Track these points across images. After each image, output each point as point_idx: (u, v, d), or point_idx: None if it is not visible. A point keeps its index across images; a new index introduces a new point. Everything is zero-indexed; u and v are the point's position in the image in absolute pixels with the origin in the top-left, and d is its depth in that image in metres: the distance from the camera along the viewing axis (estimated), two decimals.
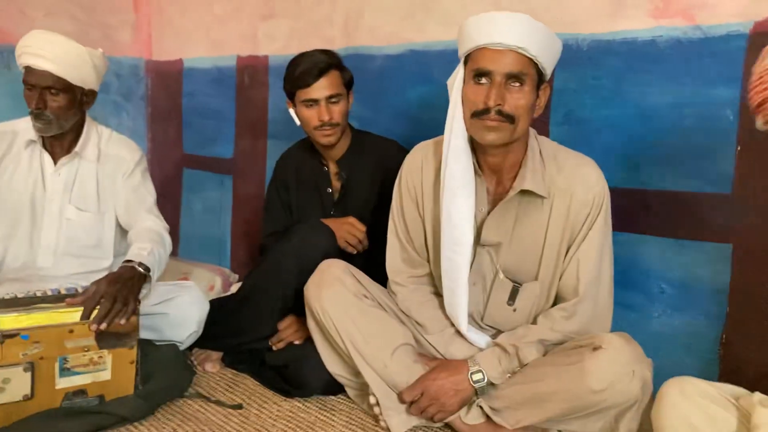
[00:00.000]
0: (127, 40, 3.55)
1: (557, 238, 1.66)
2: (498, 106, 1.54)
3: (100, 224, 2.12)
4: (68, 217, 2.07)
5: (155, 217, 2.13)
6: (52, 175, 2.07)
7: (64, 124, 2.01)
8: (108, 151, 2.14)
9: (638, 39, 1.87)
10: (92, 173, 2.11)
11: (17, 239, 2.05)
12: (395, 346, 1.73)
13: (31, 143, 2.05)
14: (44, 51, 1.92)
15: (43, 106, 1.94)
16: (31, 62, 1.93)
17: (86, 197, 2.10)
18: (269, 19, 2.94)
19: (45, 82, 1.93)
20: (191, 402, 1.88)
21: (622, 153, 1.92)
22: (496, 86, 1.54)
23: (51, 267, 2.07)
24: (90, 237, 2.10)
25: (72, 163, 2.08)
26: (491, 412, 1.64)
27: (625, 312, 1.90)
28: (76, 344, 1.64)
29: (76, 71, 1.97)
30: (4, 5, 3.01)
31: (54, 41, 1.95)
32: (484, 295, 1.76)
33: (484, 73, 1.55)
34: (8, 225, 2.03)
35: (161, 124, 3.61)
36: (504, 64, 1.53)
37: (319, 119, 2.08)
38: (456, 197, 1.64)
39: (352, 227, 2.12)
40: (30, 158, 2.06)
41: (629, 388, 1.47)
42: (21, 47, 1.97)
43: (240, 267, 3.17)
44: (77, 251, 2.09)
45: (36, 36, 1.96)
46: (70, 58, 1.95)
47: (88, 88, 2.05)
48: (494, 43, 1.53)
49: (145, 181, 2.18)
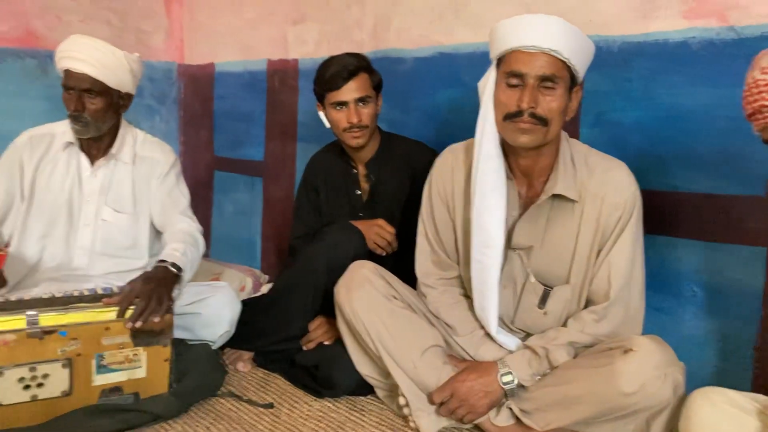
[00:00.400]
0: (160, 45, 3.61)
1: (588, 241, 1.65)
2: (531, 109, 1.54)
3: (135, 225, 2.16)
4: (104, 218, 2.11)
5: (189, 219, 2.15)
6: (89, 176, 2.11)
7: (102, 127, 2.05)
8: (143, 154, 2.18)
9: (670, 40, 1.85)
10: (128, 175, 2.14)
11: (54, 239, 2.09)
12: (425, 348, 1.74)
13: (69, 145, 2.10)
14: (83, 54, 1.97)
15: (81, 108, 1.98)
16: (70, 65, 1.98)
17: (122, 199, 2.14)
18: (299, 23, 2.96)
19: (83, 85, 1.98)
20: (223, 401, 1.91)
21: (653, 155, 1.90)
22: (529, 89, 1.54)
23: (86, 267, 2.11)
24: (125, 238, 2.14)
25: (108, 165, 2.12)
26: (521, 414, 1.64)
27: (657, 315, 1.88)
28: (112, 341, 1.68)
29: (114, 75, 2.01)
30: (42, 11, 3.08)
31: (92, 45, 1.99)
32: (514, 299, 1.76)
33: (516, 76, 1.55)
34: (45, 225, 2.08)
35: (193, 127, 3.66)
36: (537, 66, 1.53)
37: (348, 121, 2.10)
38: (487, 200, 1.64)
39: (381, 229, 2.13)
40: (67, 160, 2.10)
41: (661, 392, 1.46)
42: (60, 51, 2.01)
43: (270, 268, 3.21)
44: (113, 252, 2.13)
45: (75, 40, 2.01)
46: (108, 62, 2.00)
47: (125, 91, 2.09)
48: (527, 46, 1.53)
49: (179, 184, 2.22)
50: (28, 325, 1.58)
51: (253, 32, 3.21)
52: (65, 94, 2.01)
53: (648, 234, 1.77)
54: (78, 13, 3.21)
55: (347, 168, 2.29)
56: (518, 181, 1.71)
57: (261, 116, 3.21)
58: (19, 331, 1.57)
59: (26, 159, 2.07)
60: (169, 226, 2.12)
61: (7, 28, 2.98)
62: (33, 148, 2.08)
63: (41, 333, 1.59)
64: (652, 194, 1.86)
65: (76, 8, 3.20)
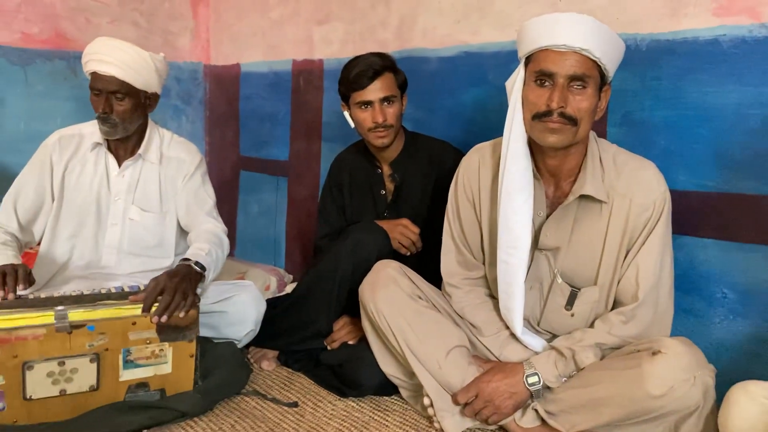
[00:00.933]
0: (187, 46, 3.65)
1: (616, 242, 1.63)
2: (560, 108, 1.52)
3: (161, 225, 2.18)
4: (131, 218, 2.13)
5: (214, 220, 2.17)
6: (117, 176, 2.13)
7: (129, 128, 2.07)
8: (169, 154, 2.19)
9: (700, 38, 1.82)
10: (155, 175, 2.16)
11: (83, 238, 2.11)
12: (450, 348, 1.73)
13: (97, 146, 2.12)
14: (110, 57, 1.99)
15: (109, 110, 2.00)
16: (97, 68, 2.00)
17: (149, 198, 2.16)
18: (324, 23, 2.97)
19: (111, 87, 2.00)
20: (248, 399, 1.92)
21: (682, 155, 1.88)
22: (558, 88, 1.52)
23: (114, 266, 2.14)
24: (152, 237, 2.16)
25: (135, 165, 2.15)
26: (546, 416, 1.63)
27: (686, 317, 1.86)
28: (138, 336, 1.69)
29: (140, 76, 2.03)
30: (71, 14, 3.13)
31: (119, 47, 2.01)
32: (541, 300, 1.75)
33: (546, 75, 1.54)
34: (75, 225, 2.10)
35: (219, 127, 3.70)
36: (567, 65, 1.51)
37: (373, 121, 2.10)
38: (513, 201, 1.63)
39: (405, 229, 2.12)
40: (95, 160, 2.13)
41: (690, 395, 1.43)
42: (87, 54, 2.04)
43: (294, 267, 3.22)
44: (140, 251, 2.15)
45: (101, 43, 2.03)
46: (134, 63, 2.01)
47: (151, 91, 2.11)
48: (557, 45, 1.51)
49: (204, 184, 2.23)
50: (57, 320, 1.60)
51: (279, 32, 3.23)
52: (93, 97, 2.03)
53: (677, 234, 1.75)
54: (106, 15, 3.25)
55: (372, 168, 2.29)
56: (545, 181, 1.69)
57: (286, 116, 3.22)
58: (48, 325, 1.59)
59: (56, 159, 2.09)
60: (195, 226, 2.14)
61: (38, 30, 3.03)
62: (62, 148, 2.10)
63: (70, 327, 1.61)
64: (681, 194, 1.83)
65: (104, 10, 3.24)
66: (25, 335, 1.57)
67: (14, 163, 2.91)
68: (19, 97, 3.00)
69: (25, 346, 1.58)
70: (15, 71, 2.97)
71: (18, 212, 2.05)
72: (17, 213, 2.05)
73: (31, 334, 1.58)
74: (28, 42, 3.01)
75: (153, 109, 2.17)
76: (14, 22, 2.96)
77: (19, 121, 2.99)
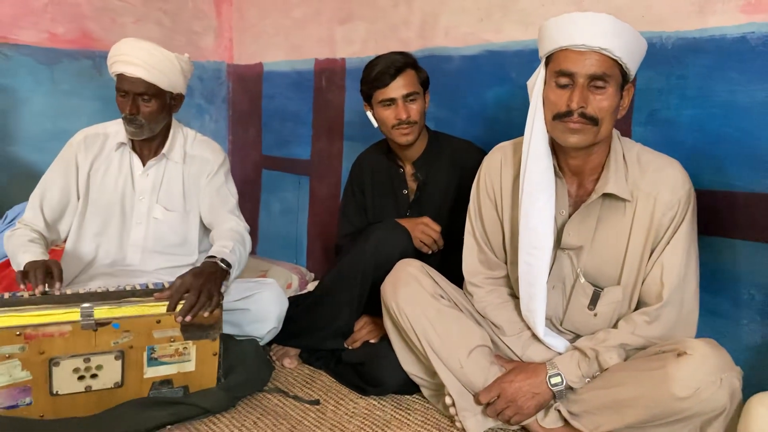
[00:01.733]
0: (210, 45, 3.67)
1: (641, 241, 1.61)
2: (581, 109, 1.51)
3: (185, 223, 2.19)
4: (155, 216, 2.15)
5: (237, 218, 2.18)
6: (141, 176, 2.15)
7: (155, 128, 2.09)
8: (193, 153, 2.21)
9: (727, 36, 1.80)
10: (178, 174, 2.18)
11: (108, 237, 2.14)
12: (472, 347, 1.73)
13: (122, 145, 2.14)
14: (136, 59, 2.00)
15: (136, 111, 2.01)
16: (123, 70, 2.01)
17: (172, 197, 2.18)
18: (347, 22, 2.98)
19: (137, 89, 2.01)
20: (270, 396, 1.93)
21: (708, 154, 1.85)
22: (578, 88, 1.51)
23: (139, 263, 2.16)
24: (176, 235, 2.18)
25: (159, 165, 2.17)
26: (569, 417, 1.61)
27: (712, 319, 1.83)
28: (162, 334, 1.71)
29: (166, 77, 2.04)
30: (97, 14, 3.17)
31: (144, 48, 2.02)
32: (563, 300, 1.73)
33: (566, 75, 1.52)
34: (100, 223, 2.13)
35: (242, 126, 3.72)
36: (587, 65, 1.50)
37: (396, 118, 2.09)
38: (535, 200, 1.62)
39: (426, 227, 2.12)
40: (120, 160, 2.15)
41: (716, 397, 1.41)
42: (113, 56, 2.04)
43: (316, 266, 3.23)
44: (164, 249, 2.17)
45: (127, 44, 2.04)
46: (160, 65, 2.02)
47: (177, 92, 2.13)
48: (577, 45, 1.50)
49: (227, 183, 2.24)
50: (83, 317, 1.62)
51: (301, 32, 3.24)
52: (119, 98, 2.04)
53: (704, 235, 1.72)
54: (131, 15, 3.29)
55: (394, 167, 2.29)
56: (568, 180, 1.68)
57: (308, 115, 3.24)
58: (74, 322, 1.62)
59: (81, 158, 2.12)
60: (218, 225, 2.15)
61: (64, 30, 3.07)
62: (87, 147, 2.13)
63: (95, 325, 1.63)
64: (707, 194, 1.81)
65: (129, 10, 3.28)
66: (51, 332, 1.60)
67: (40, 161, 2.97)
68: (45, 96, 3.04)
69: (52, 342, 1.60)
70: (42, 70, 3.02)
71: (44, 211, 2.08)
72: (43, 211, 2.08)
73: (57, 330, 1.60)
74: (55, 42, 3.05)
75: (178, 109, 2.18)
76: (41, 22, 3.00)
77: (46, 120, 3.04)
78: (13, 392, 1.60)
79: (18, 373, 1.59)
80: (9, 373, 1.58)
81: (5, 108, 2.93)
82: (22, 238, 1.97)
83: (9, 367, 1.58)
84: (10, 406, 1.60)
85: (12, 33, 2.92)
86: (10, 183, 2.92)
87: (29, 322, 1.58)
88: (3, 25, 2.90)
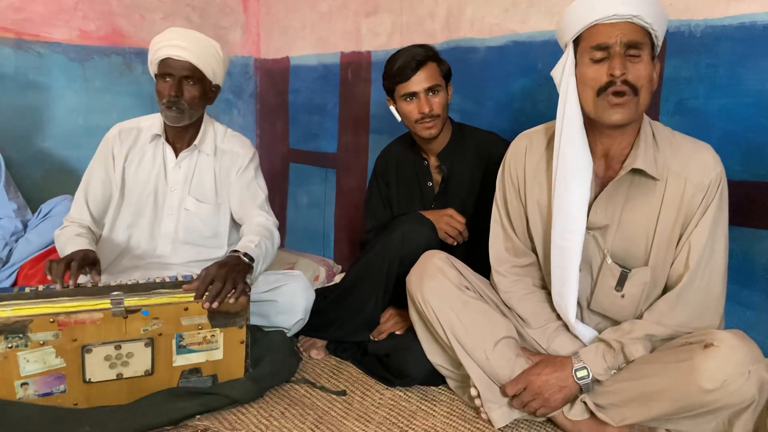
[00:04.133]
0: (238, 40, 3.71)
1: (670, 222, 1.59)
2: (623, 76, 1.50)
3: (216, 215, 2.22)
4: (187, 208, 2.18)
5: (266, 213, 2.20)
6: (174, 167, 2.18)
7: (194, 115, 2.12)
8: (224, 147, 2.23)
9: (758, 23, 1.76)
10: (210, 167, 2.21)
11: (140, 228, 2.17)
12: (497, 339, 1.72)
13: (156, 137, 2.17)
14: (185, 43, 2.03)
15: (180, 93, 2.04)
16: (171, 53, 2.03)
17: (204, 189, 2.21)
18: (372, 15, 2.98)
19: (183, 72, 2.04)
20: (297, 387, 1.95)
21: (739, 143, 1.82)
22: (617, 57, 1.50)
23: (169, 255, 2.19)
24: (207, 227, 2.21)
25: (191, 157, 2.19)
26: (596, 409, 1.60)
27: (742, 311, 1.81)
28: (190, 322, 1.74)
29: (209, 64, 2.08)
30: (127, 11, 3.22)
31: (192, 35, 2.07)
32: (590, 281, 1.71)
33: (602, 48, 1.52)
34: (132, 214, 2.16)
35: (269, 120, 3.75)
36: (622, 34, 1.50)
37: (419, 111, 2.09)
38: (569, 185, 1.61)
39: (451, 219, 2.12)
40: (154, 151, 2.18)
41: (744, 389, 1.39)
42: (159, 42, 2.07)
43: (343, 258, 3.25)
44: (194, 240, 2.20)
45: (174, 31, 2.08)
46: (206, 51, 2.07)
47: (216, 82, 2.16)
48: (608, 17, 1.50)
49: (257, 178, 2.27)
50: (113, 305, 1.66)
51: (327, 25, 3.25)
52: (161, 83, 2.06)
53: (734, 226, 1.70)
54: (160, 11, 3.33)
55: (419, 159, 2.29)
56: (596, 161, 1.66)
57: (334, 108, 3.25)
58: (105, 310, 1.66)
59: (117, 151, 2.16)
60: (247, 219, 2.18)
61: (95, 27, 3.13)
62: (122, 141, 2.17)
63: (125, 312, 1.67)
64: (738, 184, 1.78)
65: (158, 6, 3.32)
66: (83, 319, 1.63)
67: (73, 157, 3.03)
68: (77, 92, 3.10)
69: (84, 329, 1.64)
70: (73, 67, 3.08)
71: (90, 205, 2.12)
72: (89, 206, 2.12)
73: (89, 318, 1.64)
74: (86, 39, 3.11)
75: (213, 101, 2.20)
76: (73, 19, 3.06)
77: (78, 116, 3.10)
78: (48, 379, 1.64)
79: (52, 360, 1.63)
80: (44, 360, 1.62)
81: (39, 105, 3.00)
82: (70, 234, 2.02)
83: (44, 354, 1.62)
84: (46, 393, 1.65)
85: (44, 31, 2.98)
86: (44, 179, 2.99)
87: (61, 310, 1.62)
88: (35, 24, 2.96)
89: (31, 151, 2.98)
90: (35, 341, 1.60)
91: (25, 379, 1.62)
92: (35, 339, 1.60)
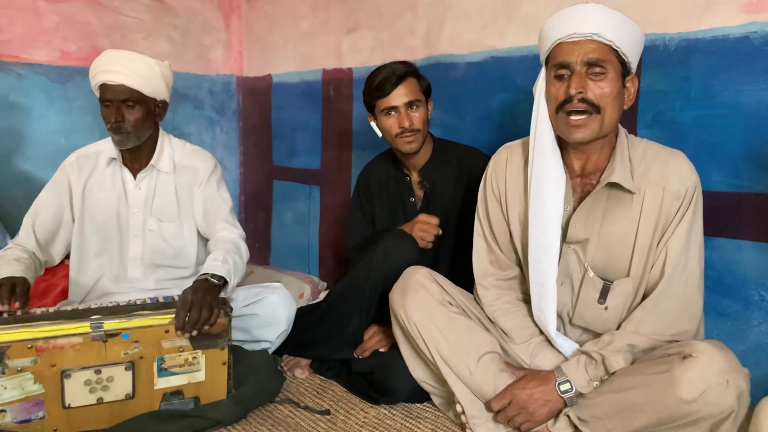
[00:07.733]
0: (220, 59, 3.71)
1: (649, 232, 1.60)
2: (580, 94, 1.52)
3: (180, 234, 2.19)
4: (150, 229, 2.15)
5: (231, 226, 2.17)
6: (133, 189, 2.15)
7: (141, 136, 2.09)
8: (183, 163, 2.20)
9: (730, 36, 1.79)
10: (170, 184, 2.18)
11: (109, 253, 2.14)
12: (481, 354, 1.72)
13: (112, 161, 2.14)
14: (118, 66, 2.01)
15: (121, 119, 2.02)
16: (106, 79, 2.01)
17: (166, 208, 2.17)
18: (353, 31, 3.00)
19: (121, 96, 2.02)
20: (281, 407, 1.94)
21: (714, 155, 1.84)
22: (576, 75, 1.53)
23: (141, 278, 2.16)
24: (171, 247, 2.17)
25: (150, 177, 2.16)
26: (579, 423, 1.60)
27: (722, 320, 1.82)
28: (171, 344, 1.73)
29: (148, 83, 2.05)
30: (108, 31, 3.21)
31: (125, 56, 2.04)
32: (572, 295, 1.72)
33: (563, 66, 1.55)
34: (100, 241, 2.13)
35: (252, 138, 3.75)
36: (581, 53, 1.52)
37: (399, 126, 2.11)
38: (543, 199, 1.63)
39: (423, 224, 2.13)
40: (112, 175, 2.15)
41: (723, 399, 1.39)
42: (94, 68, 2.05)
43: (328, 275, 3.24)
44: (161, 260, 2.17)
45: (108, 54, 2.05)
46: (141, 71, 2.04)
47: (160, 99, 2.14)
48: (569, 35, 1.53)
49: (220, 190, 2.24)
50: (93, 329, 1.64)
51: (309, 43, 3.27)
52: (104, 110, 2.05)
53: (711, 236, 1.71)
54: (142, 31, 3.33)
55: (401, 175, 2.29)
56: (573, 176, 1.68)
57: (317, 125, 3.26)
58: (84, 334, 1.64)
59: (74, 180, 2.13)
60: (212, 233, 2.16)
61: (76, 48, 3.12)
62: (80, 168, 2.14)
63: (105, 336, 1.65)
64: (714, 195, 1.80)
65: (139, 26, 3.32)
66: (62, 344, 1.62)
67: None
68: (59, 113, 3.09)
69: (63, 354, 1.62)
70: (55, 88, 3.07)
71: (36, 231, 2.08)
72: (35, 232, 2.08)
73: (68, 342, 1.62)
74: (67, 60, 3.10)
75: (162, 118, 2.18)
76: (53, 40, 3.05)
77: (60, 137, 3.08)
78: (26, 406, 1.62)
79: (30, 386, 1.61)
80: (22, 387, 1.60)
81: (20, 126, 2.98)
82: (9, 257, 1.97)
83: (21, 381, 1.60)
84: (24, 420, 1.62)
85: (25, 52, 2.97)
86: (25, 200, 2.94)
87: (40, 335, 1.61)
88: (16, 45, 2.95)
89: (13, 172, 2.96)
90: (12, 368, 1.58)
91: (3, 406, 1.59)
92: (12, 366, 1.58)
